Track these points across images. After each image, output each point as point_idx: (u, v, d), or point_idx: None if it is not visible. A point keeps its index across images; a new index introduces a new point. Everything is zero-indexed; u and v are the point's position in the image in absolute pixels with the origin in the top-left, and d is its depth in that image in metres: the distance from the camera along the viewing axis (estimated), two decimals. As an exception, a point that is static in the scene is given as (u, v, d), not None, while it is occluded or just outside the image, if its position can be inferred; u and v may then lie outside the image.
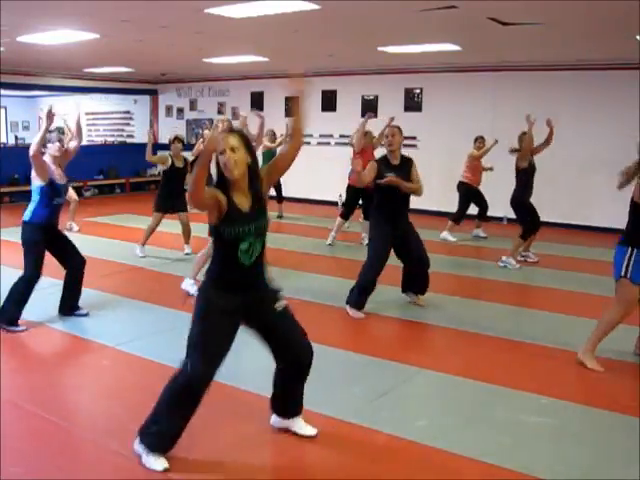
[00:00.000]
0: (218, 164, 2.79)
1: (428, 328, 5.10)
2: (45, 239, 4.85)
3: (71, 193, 8.92)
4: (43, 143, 4.67)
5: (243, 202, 2.80)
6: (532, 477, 2.87)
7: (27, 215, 4.80)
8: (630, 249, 3.99)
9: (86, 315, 5.09)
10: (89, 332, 4.73)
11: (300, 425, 3.21)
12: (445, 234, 8.73)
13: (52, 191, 4.75)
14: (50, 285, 5.35)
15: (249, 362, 4.22)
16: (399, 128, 5.31)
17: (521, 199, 7.09)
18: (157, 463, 2.87)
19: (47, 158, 4.78)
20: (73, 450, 3.12)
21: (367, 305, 5.39)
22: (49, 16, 6.58)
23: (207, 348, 2.81)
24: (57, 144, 4.85)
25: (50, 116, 4.56)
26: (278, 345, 3.03)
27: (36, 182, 4.73)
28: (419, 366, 4.21)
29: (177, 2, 5.68)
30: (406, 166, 5.21)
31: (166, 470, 2.85)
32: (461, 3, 5.52)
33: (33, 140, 4.61)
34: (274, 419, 3.27)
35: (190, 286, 5.87)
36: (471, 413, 3.56)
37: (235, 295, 2.85)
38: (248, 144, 2.83)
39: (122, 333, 4.75)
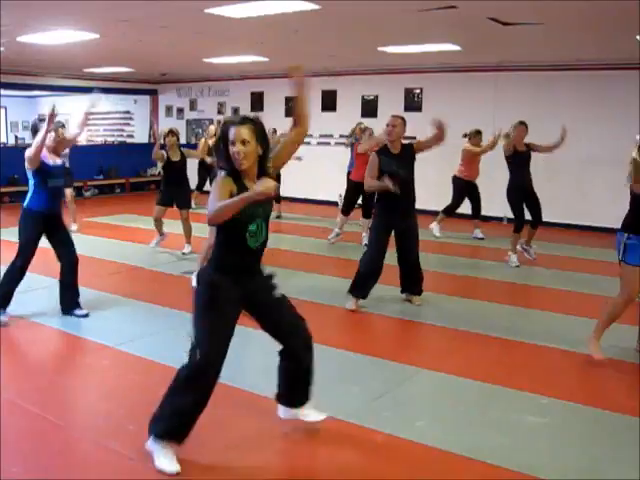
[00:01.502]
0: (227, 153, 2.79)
1: (428, 328, 5.10)
2: (42, 227, 4.85)
3: (67, 192, 8.93)
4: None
5: (252, 187, 2.74)
6: (532, 477, 2.87)
7: (25, 202, 4.84)
8: (626, 234, 4.11)
9: (85, 316, 5.05)
10: (89, 332, 4.73)
11: (306, 413, 3.19)
12: (433, 225, 8.67)
13: (45, 172, 4.74)
14: (51, 284, 5.35)
15: (248, 362, 4.22)
16: (403, 119, 5.25)
17: (508, 188, 7.15)
18: (170, 465, 2.81)
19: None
20: (73, 450, 3.12)
21: (366, 304, 5.40)
22: (49, 16, 6.58)
23: (215, 335, 2.81)
24: (52, 134, 4.85)
25: (52, 117, 4.57)
26: (277, 330, 3.05)
27: (29, 169, 4.75)
28: (419, 366, 4.20)
29: (177, 2, 5.68)
30: (408, 153, 5.16)
31: (178, 474, 2.79)
32: (461, 3, 5.51)
33: (35, 141, 4.61)
34: (281, 411, 3.27)
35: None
36: (471, 413, 3.56)
37: (240, 281, 2.88)
38: (261, 134, 2.82)
39: (122, 333, 4.74)
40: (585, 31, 6.90)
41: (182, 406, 2.83)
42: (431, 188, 10.08)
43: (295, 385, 3.19)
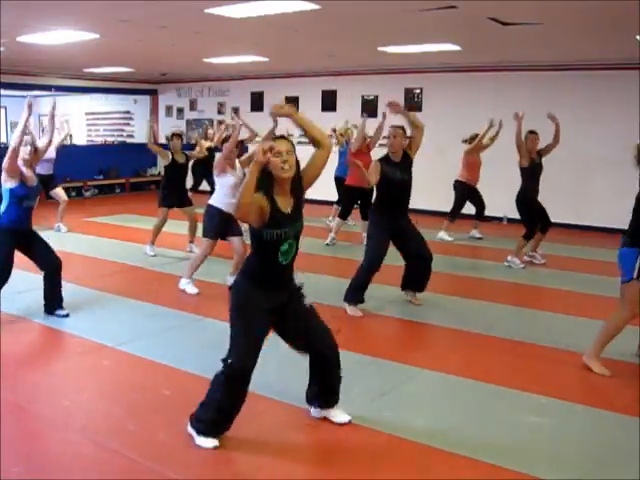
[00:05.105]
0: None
1: (428, 328, 5.10)
2: (15, 243, 4.83)
3: (60, 193, 8.97)
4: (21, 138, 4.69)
5: (285, 204, 2.96)
6: (532, 477, 2.87)
7: None
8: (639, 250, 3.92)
9: (66, 316, 5.03)
10: (89, 332, 4.73)
11: (334, 414, 3.35)
12: (442, 234, 8.75)
13: (22, 193, 4.74)
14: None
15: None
16: (403, 129, 5.25)
17: (521, 198, 7.10)
18: (208, 442, 3.05)
19: (19, 160, 4.76)
20: (73, 450, 3.12)
21: (367, 304, 5.39)
22: (49, 16, 6.58)
23: (247, 343, 3.00)
24: (28, 147, 4.83)
25: (30, 106, 4.64)
26: (306, 337, 3.22)
27: (7, 184, 4.72)
28: (419, 366, 4.20)
29: (177, 2, 5.68)
30: (407, 160, 5.23)
31: (216, 447, 3.03)
32: (461, 3, 5.51)
33: (14, 134, 4.66)
34: (313, 411, 3.41)
35: (187, 285, 5.89)
36: (471, 413, 3.56)
37: (271, 293, 3.05)
38: (294, 150, 2.97)
39: (122, 333, 4.74)
40: (585, 31, 6.90)
41: (220, 404, 3.05)
42: (434, 189, 10.11)
43: (324, 388, 3.34)
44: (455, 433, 3.30)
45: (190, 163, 7.73)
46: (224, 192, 5.70)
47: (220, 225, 5.73)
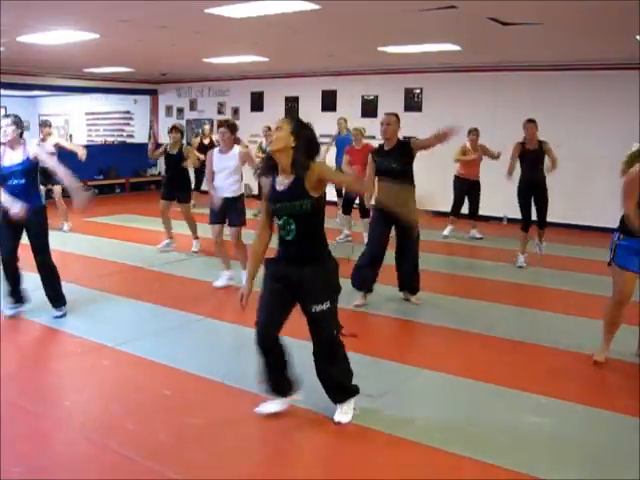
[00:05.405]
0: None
1: (428, 328, 5.10)
2: (10, 222, 4.77)
3: (57, 192, 9.04)
4: None
5: (281, 181, 3.14)
6: (532, 477, 2.87)
7: None
8: (618, 234, 4.07)
9: (63, 316, 5.02)
10: (89, 332, 4.73)
11: (336, 412, 3.38)
12: (447, 229, 8.83)
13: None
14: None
15: (247, 363, 4.22)
16: (396, 116, 5.29)
17: (518, 186, 7.14)
18: (268, 407, 3.37)
19: None
20: (73, 450, 3.12)
21: (367, 304, 5.40)
22: (49, 16, 6.58)
23: (263, 307, 3.23)
24: (12, 127, 4.75)
25: None
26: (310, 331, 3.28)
27: None
28: (419, 366, 4.21)
29: (177, 2, 5.68)
30: (402, 149, 5.21)
31: (276, 413, 3.35)
32: (461, 3, 5.51)
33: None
34: None
35: (221, 280, 6.12)
36: (471, 413, 3.56)
37: (280, 266, 3.21)
38: (299, 130, 3.10)
39: (122, 333, 4.74)
40: (585, 31, 6.90)
41: (259, 365, 3.30)
42: (434, 189, 10.11)
43: (324, 385, 3.41)
44: (455, 433, 3.30)
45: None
46: (220, 177, 5.94)
47: (219, 211, 5.96)
